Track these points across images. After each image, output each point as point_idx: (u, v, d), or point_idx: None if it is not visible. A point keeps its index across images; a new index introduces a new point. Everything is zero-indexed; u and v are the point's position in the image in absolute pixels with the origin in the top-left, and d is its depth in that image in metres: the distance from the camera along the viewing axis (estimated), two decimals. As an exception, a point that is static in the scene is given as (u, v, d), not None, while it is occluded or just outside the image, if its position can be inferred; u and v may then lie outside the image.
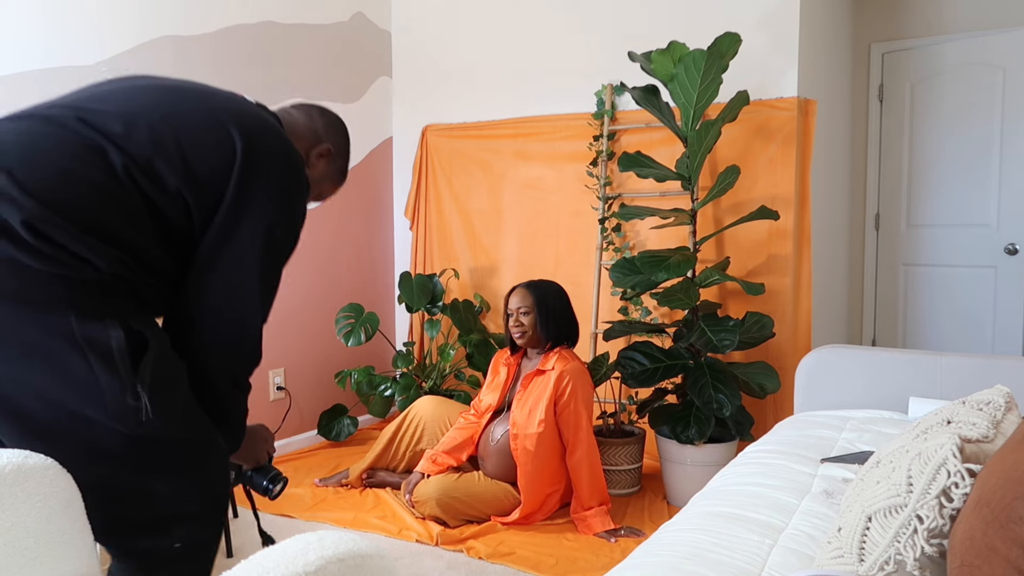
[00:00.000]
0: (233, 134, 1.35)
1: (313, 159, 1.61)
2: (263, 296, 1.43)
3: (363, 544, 0.73)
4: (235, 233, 1.35)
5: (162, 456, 1.32)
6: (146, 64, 2.97)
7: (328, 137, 1.63)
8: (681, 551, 1.32)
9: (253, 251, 1.37)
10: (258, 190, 1.36)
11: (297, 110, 1.63)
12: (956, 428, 1.10)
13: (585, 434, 2.61)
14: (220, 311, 1.39)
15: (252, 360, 1.49)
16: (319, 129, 1.62)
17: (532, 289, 2.78)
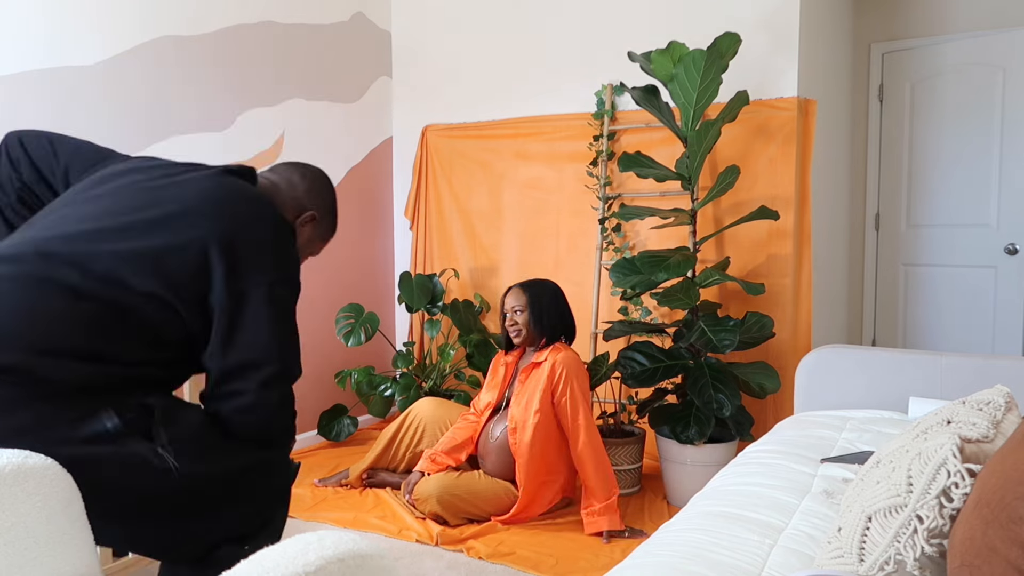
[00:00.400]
0: (211, 255, 1.40)
1: (297, 228, 1.64)
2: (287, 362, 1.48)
3: (363, 544, 0.73)
4: (239, 320, 1.41)
5: (211, 494, 1.41)
6: (146, 64, 2.96)
7: (311, 202, 1.65)
8: (681, 551, 1.32)
9: (265, 329, 1.42)
10: (251, 280, 1.42)
11: (278, 175, 1.65)
12: (956, 428, 1.10)
13: (584, 421, 2.61)
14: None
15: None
16: (301, 196, 1.64)
17: (526, 288, 2.80)
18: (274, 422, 1.47)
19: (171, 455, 1.33)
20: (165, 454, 1.33)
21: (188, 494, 1.37)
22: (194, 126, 3.16)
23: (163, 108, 3.04)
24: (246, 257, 1.42)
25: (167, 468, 1.32)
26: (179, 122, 3.10)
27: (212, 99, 3.22)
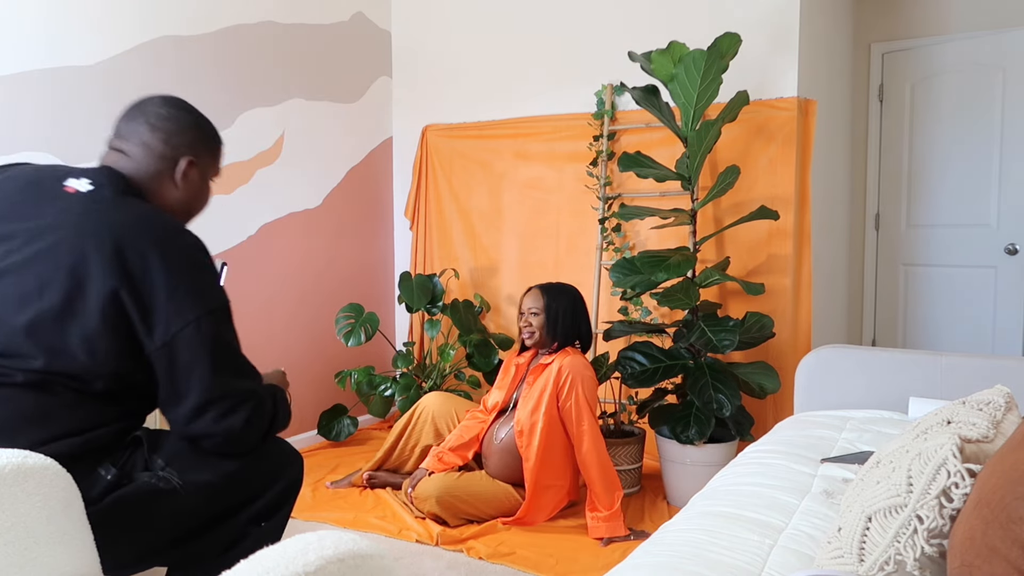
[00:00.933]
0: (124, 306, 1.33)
1: (180, 179, 1.52)
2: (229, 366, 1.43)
3: (363, 544, 0.73)
4: (177, 372, 1.36)
5: (226, 492, 1.45)
6: (146, 64, 2.96)
7: (177, 149, 1.51)
8: (681, 551, 1.32)
9: (207, 370, 1.37)
10: (172, 325, 1.35)
11: (130, 144, 1.49)
12: (956, 428, 1.10)
13: (588, 427, 2.60)
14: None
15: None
16: (164, 151, 1.50)
17: (545, 292, 2.79)
18: (250, 439, 1.46)
19: (173, 475, 1.38)
20: (166, 475, 1.38)
21: (206, 501, 1.42)
22: (194, 126, 3.15)
23: (163, 108, 3.04)
24: (156, 304, 1.34)
25: (173, 487, 1.37)
26: (179, 122, 3.10)
27: (212, 99, 3.22)
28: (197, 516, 1.42)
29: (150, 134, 1.49)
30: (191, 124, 1.54)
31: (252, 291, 3.40)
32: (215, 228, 3.25)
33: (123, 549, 1.33)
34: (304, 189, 3.66)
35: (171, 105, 1.53)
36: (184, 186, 1.52)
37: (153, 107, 1.51)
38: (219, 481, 1.43)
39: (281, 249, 3.55)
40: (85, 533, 1.17)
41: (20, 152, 2.60)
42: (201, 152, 1.55)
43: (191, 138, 1.53)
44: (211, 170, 1.60)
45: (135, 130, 1.50)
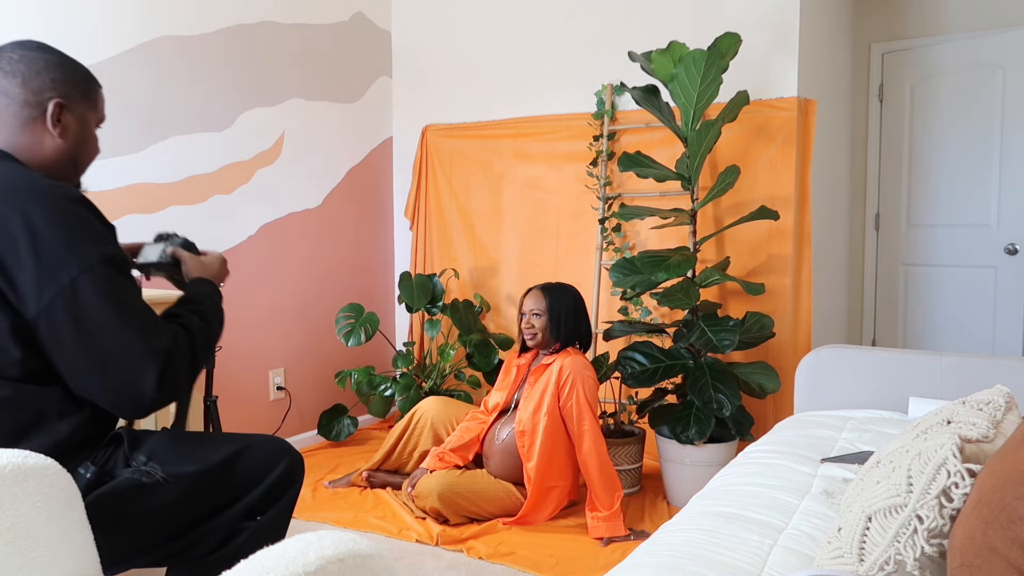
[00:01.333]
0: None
1: (55, 128, 1.37)
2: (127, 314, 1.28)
3: (363, 544, 0.73)
4: (65, 339, 1.25)
5: (213, 482, 1.43)
6: (146, 64, 2.96)
7: (41, 92, 1.35)
8: (681, 551, 1.32)
9: (86, 314, 1.24)
10: (49, 288, 1.23)
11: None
12: (956, 428, 1.10)
13: (589, 427, 2.61)
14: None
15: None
16: (25, 97, 1.34)
17: (547, 292, 2.78)
18: (168, 396, 1.31)
19: (157, 469, 1.35)
20: (149, 469, 1.35)
21: (193, 494, 1.40)
22: (194, 126, 3.16)
23: (163, 108, 3.04)
24: (22, 269, 1.22)
25: (157, 481, 1.34)
26: (179, 122, 3.10)
27: (212, 99, 3.22)
28: (185, 510, 1.40)
29: (5, 80, 1.33)
30: (52, 63, 1.37)
31: (252, 291, 3.40)
32: (215, 228, 3.25)
33: (112, 547, 1.30)
34: (304, 189, 3.66)
35: (25, 47, 1.37)
36: (60, 133, 1.37)
37: (5, 54, 1.35)
38: (205, 473, 1.41)
39: (281, 249, 3.55)
40: (85, 533, 1.17)
41: (20, 152, 2.60)
42: (71, 93, 1.39)
43: (54, 78, 1.36)
44: (90, 114, 1.44)
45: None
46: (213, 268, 1.63)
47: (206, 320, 1.46)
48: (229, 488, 1.46)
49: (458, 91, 3.95)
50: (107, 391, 1.27)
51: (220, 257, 1.68)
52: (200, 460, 1.42)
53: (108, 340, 1.25)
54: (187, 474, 1.39)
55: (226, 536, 1.46)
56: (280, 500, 1.53)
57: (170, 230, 1.72)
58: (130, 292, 1.31)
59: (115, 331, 1.25)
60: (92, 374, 1.26)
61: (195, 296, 1.51)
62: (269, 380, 3.50)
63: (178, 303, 1.48)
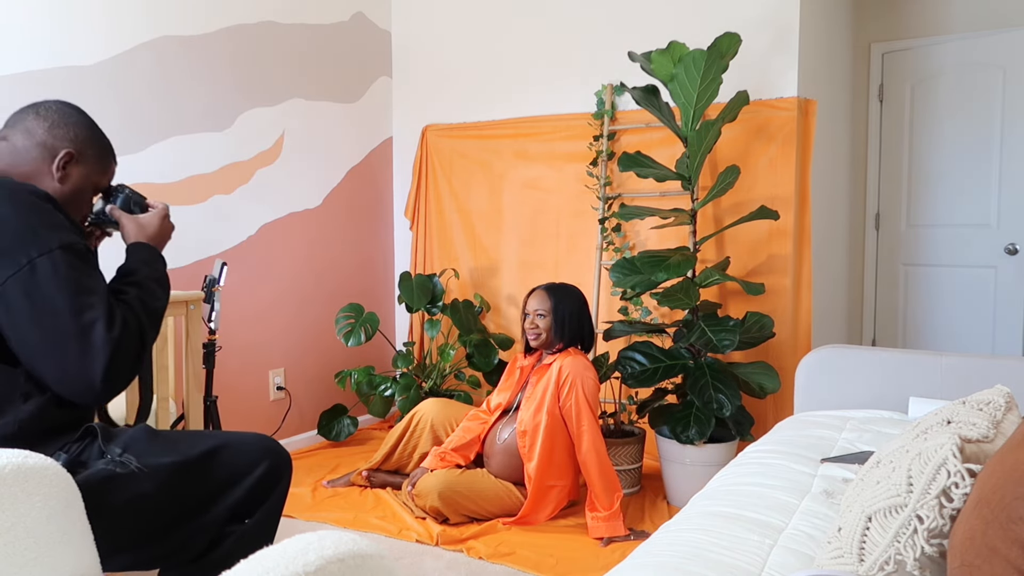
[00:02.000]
0: None
1: (57, 172, 1.45)
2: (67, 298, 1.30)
3: (363, 544, 0.73)
4: (18, 299, 1.27)
5: (191, 477, 1.42)
6: (147, 64, 2.96)
7: (59, 141, 1.46)
8: (681, 551, 1.32)
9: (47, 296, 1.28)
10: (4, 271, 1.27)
11: (12, 128, 1.46)
12: (956, 428, 1.10)
13: (588, 427, 2.60)
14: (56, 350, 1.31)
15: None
16: (44, 139, 1.45)
17: (551, 293, 2.78)
18: (121, 377, 1.34)
19: (131, 459, 1.34)
20: (124, 460, 1.34)
21: (170, 487, 1.38)
22: (194, 126, 3.16)
23: (163, 108, 3.04)
24: None
25: (132, 472, 1.33)
26: (179, 122, 3.10)
27: (212, 99, 3.22)
28: (163, 504, 1.38)
29: (35, 121, 1.45)
30: (81, 122, 1.50)
31: (252, 291, 3.41)
32: (215, 228, 3.25)
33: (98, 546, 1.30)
34: (304, 189, 3.67)
35: (64, 104, 1.50)
36: (60, 179, 1.45)
37: (47, 103, 1.49)
38: (182, 464, 1.39)
39: (281, 249, 3.55)
40: (85, 533, 1.17)
41: (20, 152, 2.60)
42: (86, 151, 1.49)
43: (76, 134, 1.48)
44: (95, 176, 1.52)
45: (22, 119, 1.46)
46: (151, 228, 1.58)
47: (147, 291, 1.45)
48: (209, 483, 1.43)
49: (458, 91, 3.95)
50: (57, 374, 1.29)
51: (160, 213, 1.61)
52: (178, 453, 1.40)
53: (60, 324, 1.27)
54: (163, 465, 1.37)
55: (213, 539, 1.44)
56: (266, 502, 1.50)
57: (122, 184, 1.64)
58: (88, 279, 1.32)
59: (68, 316, 1.27)
60: (43, 357, 1.28)
61: (132, 266, 1.50)
62: (269, 380, 3.50)
63: (115, 276, 1.47)
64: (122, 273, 1.48)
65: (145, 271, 1.49)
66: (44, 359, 1.29)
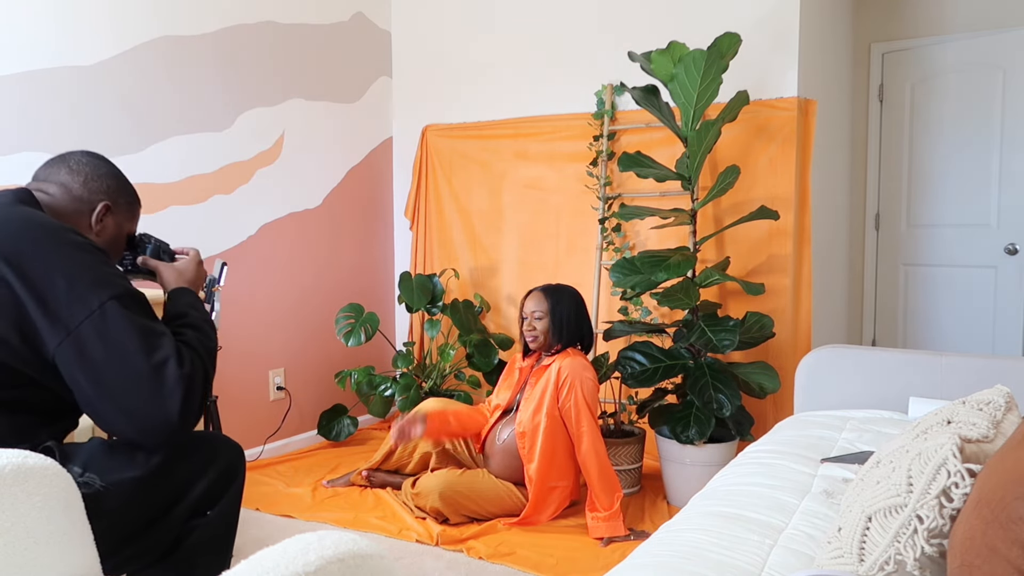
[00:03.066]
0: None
1: (96, 225, 1.52)
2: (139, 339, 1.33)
3: (363, 544, 0.73)
4: (89, 366, 1.29)
5: (160, 486, 1.41)
6: (146, 64, 2.97)
7: (95, 194, 1.53)
8: (681, 551, 1.32)
9: (111, 334, 1.30)
10: (74, 318, 1.29)
11: (50, 183, 1.51)
12: (956, 428, 1.10)
13: (587, 427, 2.60)
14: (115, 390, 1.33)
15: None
16: (82, 194, 1.51)
17: (548, 294, 2.77)
18: (192, 418, 1.37)
19: (95, 479, 1.32)
20: (87, 479, 1.33)
21: (138, 499, 1.38)
22: (194, 126, 3.16)
23: (163, 108, 3.04)
24: (48, 301, 1.29)
25: (97, 490, 1.32)
26: (179, 122, 3.10)
27: (212, 99, 3.22)
28: (132, 516, 1.38)
29: (69, 176, 1.51)
30: (110, 173, 1.57)
31: (252, 291, 3.41)
32: (215, 228, 3.25)
33: None
34: (304, 189, 3.67)
35: (92, 155, 1.57)
36: (99, 231, 1.53)
37: (75, 156, 1.54)
38: (146, 475, 1.38)
39: (281, 249, 3.55)
40: (85, 533, 1.17)
41: (20, 152, 2.60)
42: (118, 201, 1.57)
43: (109, 185, 1.55)
44: (126, 223, 1.59)
45: (55, 173, 1.51)
46: (189, 274, 1.66)
47: (203, 332, 1.50)
48: (171, 488, 1.44)
49: (458, 91, 3.95)
50: (130, 414, 1.31)
51: (194, 259, 1.69)
52: (138, 465, 1.39)
53: (133, 364, 1.30)
54: (127, 480, 1.36)
55: (176, 537, 1.45)
56: (224, 495, 1.52)
57: (146, 233, 1.70)
58: (153, 321, 1.38)
59: (140, 356, 1.31)
60: (116, 398, 1.30)
61: (181, 310, 1.55)
62: (269, 380, 3.50)
63: (167, 319, 1.50)
64: (173, 316, 1.52)
65: (195, 314, 1.54)
66: (117, 400, 1.30)
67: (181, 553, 1.45)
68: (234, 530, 1.57)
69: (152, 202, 3.01)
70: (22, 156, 2.61)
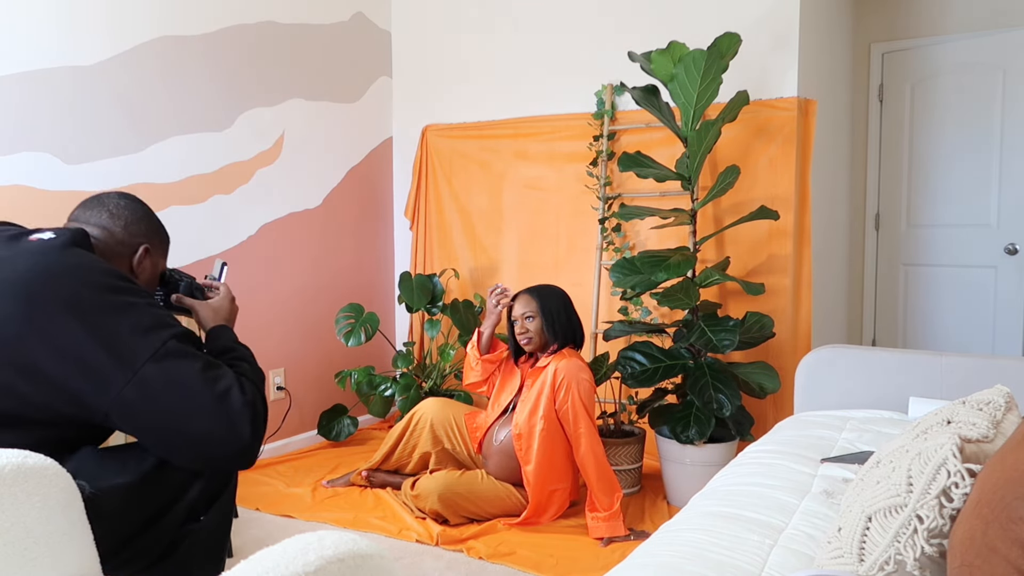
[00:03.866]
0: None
1: (137, 267, 1.58)
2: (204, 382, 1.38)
3: (363, 544, 0.73)
4: (155, 409, 1.33)
5: (152, 489, 1.42)
6: (146, 64, 2.96)
7: (136, 237, 1.58)
8: (681, 551, 1.32)
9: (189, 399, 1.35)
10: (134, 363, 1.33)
11: (95, 228, 1.54)
12: (956, 428, 1.10)
13: (585, 428, 2.60)
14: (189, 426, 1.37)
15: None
16: (123, 238, 1.56)
17: (535, 294, 2.76)
18: (259, 440, 1.44)
19: (85, 485, 1.32)
20: (79, 485, 1.32)
21: (132, 504, 1.39)
22: (194, 126, 3.16)
23: (163, 108, 3.04)
24: (121, 340, 1.32)
25: (88, 496, 1.31)
26: (179, 122, 3.10)
27: (212, 99, 3.22)
28: (125, 521, 1.38)
29: (111, 220, 1.56)
30: (147, 215, 1.62)
31: (252, 291, 3.40)
32: (215, 228, 3.25)
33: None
34: (304, 189, 3.67)
35: (128, 198, 1.62)
36: (139, 272, 1.58)
37: (112, 199, 1.59)
38: (136, 481, 1.39)
39: (281, 249, 3.55)
40: (85, 533, 1.17)
41: (20, 152, 2.61)
42: (155, 242, 1.62)
43: (147, 228, 1.61)
44: (161, 261, 1.65)
45: (95, 216, 1.56)
46: (224, 311, 1.72)
47: (253, 365, 1.57)
48: (164, 493, 1.44)
49: (458, 91, 3.95)
50: (204, 443, 1.36)
51: (227, 296, 1.75)
52: (129, 471, 1.39)
53: (200, 396, 1.35)
54: (118, 486, 1.37)
55: (171, 542, 1.45)
56: (218, 500, 1.53)
57: (175, 269, 1.75)
58: (207, 356, 1.43)
59: (205, 387, 1.36)
60: (188, 430, 1.34)
61: (227, 345, 1.61)
62: (269, 380, 3.50)
63: (214, 356, 1.53)
64: (220, 352, 1.57)
65: (242, 349, 1.60)
66: (188, 433, 1.35)
67: (176, 557, 1.45)
68: (228, 534, 1.59)
69: (152, 202, 2.99)
70: (22, 156, 2.61)
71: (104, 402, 1.31)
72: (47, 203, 2.68)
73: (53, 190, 2.70)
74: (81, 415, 1.33)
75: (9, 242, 1.42)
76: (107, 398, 1.30)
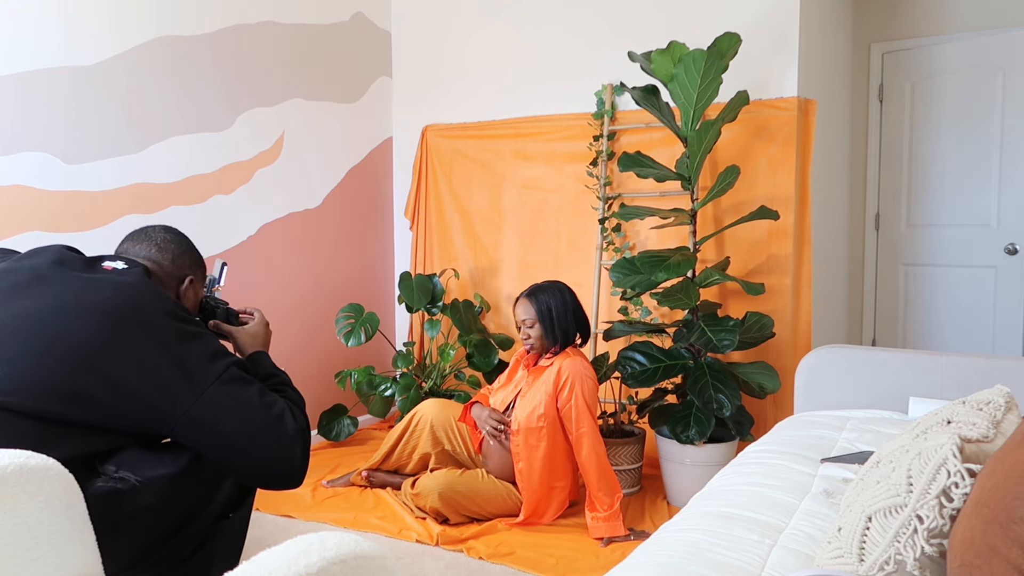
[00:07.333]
0: None
1: (182, 296, 1.68)
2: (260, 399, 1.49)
3: (365, 545, 0.73)
4: (214, 434, 1.43)
5: (191, 480, 1.47)
6: (146, 64, 2.97)
7: (182, 269, 1.69)
8: (681, 551, 1.32)
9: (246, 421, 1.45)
10: (196, 390, 1.43)
11: (147, 260, 1.64)
12: (956, 428, 1.10)
13: (587, 429, 2.60)
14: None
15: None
16: (173, 271, 1.67)
17: (533, 299, 2.74)
18: (306, 451, 1.53)
19: (129, 475, 1.39)
20: (123, 476, 1.39)
21: (171, 495, 1.43)
22: (194, 126, 3.16)
23: (163, 108, 3.04)
24: (192, 363, 1.44)
25: (132, 485, 1.38)
26: (179, 122, 3.10)
27: (212, 99, 3.22)
28: (168, 512, 1.42)
29: (159, 253, 1.66)
30: (189, 247, 1.73)
31: (252, 291, 3.41)
32: (215, 228, 3.25)
33: (107, 555, 1.30)
34: (304, 189, 3.67)
35: (171, 231, 1.73)
36: (184, 302, 1.68)
37: (158, 233, 1.70)
38: (176, 473, 1.44)
39: (281, 249, 3.55)
40: (87, 533, 1.17)
41: (20, 152, 2.61)
42: (198, 272, 1.73)
43: (191, 261, 1.71)
44: (200, 288, 1.76)
45: (144, 249, 1.66)
46: (261, 337, 1.81)
47: (295, 390, 1.65)
48: (202, 486, 1.49)
49: (458, 91, 3.95)
50: (262, 462, 1.46)
51: (261, 321, 1.84)
52: (169, 463, 1.45)
53: (259, 418, 1.46)
54: (160, 476, 1.42)
55: (203, 537, 1.49)
56: (246, 498, 1.59)
57: (212, 296, 1.83)
58: (258, 382, 1.53)
59: (263, 410, 1.47)
60: (248, 449, 1.45)
61: (270, 371, 1.70)
62: (269, 380, 3.50)
63: (260, 380, 1.61)
64: (264, 377, 1.66)
65: (282, 375, 1.70)
66: (248, 452, 1.45)
67: (203, 555, 1.49)
68: (246, 530, 1.65)
69: (152, 202, 3.02)
70: (22, 156, 2.61)
71: (173, 416, 1.41)
72: (47, 203, 2.68)
73: (53, 190, 2.70)
74: (148, 425, 1.42)
75: (86, 267, 1.54)
76: (176, 412, 1.41)
